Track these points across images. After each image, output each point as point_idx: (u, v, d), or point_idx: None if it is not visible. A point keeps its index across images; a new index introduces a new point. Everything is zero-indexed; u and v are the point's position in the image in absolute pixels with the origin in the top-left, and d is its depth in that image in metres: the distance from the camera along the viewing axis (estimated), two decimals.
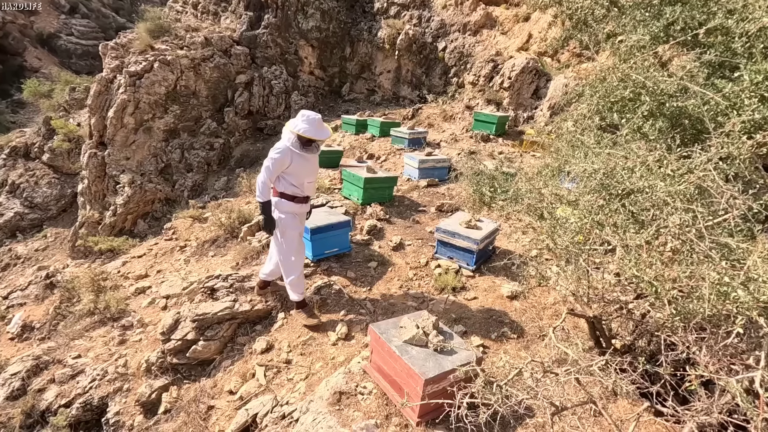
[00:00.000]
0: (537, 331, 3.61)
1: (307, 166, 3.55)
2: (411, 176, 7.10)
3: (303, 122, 3.37)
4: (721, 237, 1.11)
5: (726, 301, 1.03)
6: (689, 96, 1.68)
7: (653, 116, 1.70)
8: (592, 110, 1.94)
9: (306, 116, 3.38)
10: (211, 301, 4.27)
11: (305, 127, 3.37)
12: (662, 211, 1.19)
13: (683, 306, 1.12)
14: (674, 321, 1.17)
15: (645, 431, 2.58)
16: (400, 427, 2.58)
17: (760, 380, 1.05)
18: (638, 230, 1.25)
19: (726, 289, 1.02)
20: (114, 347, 4.70)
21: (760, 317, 1.01)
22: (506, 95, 9.15)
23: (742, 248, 1.08)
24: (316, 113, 3.45)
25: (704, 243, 1.09)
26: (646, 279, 1.15)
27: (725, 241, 1.10)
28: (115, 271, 6.81)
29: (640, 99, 1.73)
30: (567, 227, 1.41)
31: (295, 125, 3.38)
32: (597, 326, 2.60)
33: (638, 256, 1.19)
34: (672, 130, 1.67)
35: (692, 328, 1.42)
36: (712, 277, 1.03)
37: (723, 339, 1.18)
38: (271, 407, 3.20)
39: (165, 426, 3.56)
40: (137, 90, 9.83)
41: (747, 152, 1.39)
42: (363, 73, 13.25)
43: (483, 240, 4.39)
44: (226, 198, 9.19)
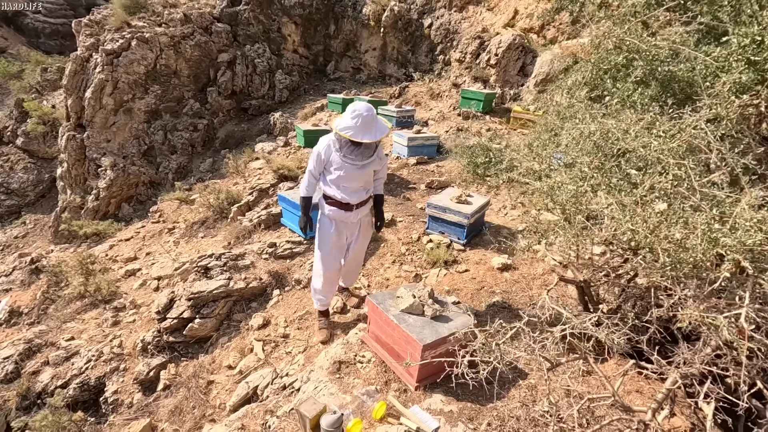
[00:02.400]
0: (527, 301, 3.74)
1: (351, 170, 2.84)
2: (400, 154, 7.11)
3: (348, 117, 2.65)
4: (710, 190, 1.18)
5: (715, 247, 1.11)
6: (680, 60, 1.74)
7: (644, 82, 1.76)
8: (585, 78, 1.99)
9: (353, 111, 2.64)
10: (205, 280, 4.28)
11: (346, 125, 2.63)
12: (655, 168, 1.25)
13: (675, 257, 1.19)
14: (666, 272, 1.26)
15: (631, 387, 2.74)
16: (399, 392, 2.68)
17: (744, 316, 1.14)
18: (632, 190, 1.31)
19: (716, 235, 1.10)
20: (108, 329, 4.69)
21: (745, 261, 1.09)
22: (493, 72, 9.15)
23: (730, 198, 1.15)
24: (367, 106, 2.66)
25: (696, 196, 1.16)
26: (642, 232, 1.23)
27: (715, 193, 1.18)
28: (103, 255, 6.73)
29: (633, 65, 1.78)
30: (564, 190, 1.48)
31: (338, 121, 2.70)
32: (586, 291, 2.71)
33: (633, 212, 1.26)
34: (662, 95, 1.74)
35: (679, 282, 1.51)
36: (703, 225, 1.10)
37: (709, 286, 1.27)
38: (271, 379, 3.28)
39: (166, 401, 3.61)
40: (115, 69, 9.49)
41: (734, 112, 1.46)
42: (348, 51, 13.03)
43: (473, 214, 4.47)
44: (213, 180, 9.07)
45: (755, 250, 1.10)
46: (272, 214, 5.24)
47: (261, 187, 6.22)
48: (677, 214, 1.22)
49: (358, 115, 2.61)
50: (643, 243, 1.24)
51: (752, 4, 1.67)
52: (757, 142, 1.63)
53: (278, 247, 4.68)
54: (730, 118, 1.44)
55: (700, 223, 1.13)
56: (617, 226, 1.30)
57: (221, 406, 3.32)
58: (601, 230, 1.42)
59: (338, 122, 2.68)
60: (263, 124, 10.94)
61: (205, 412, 3.34)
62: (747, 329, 1.16)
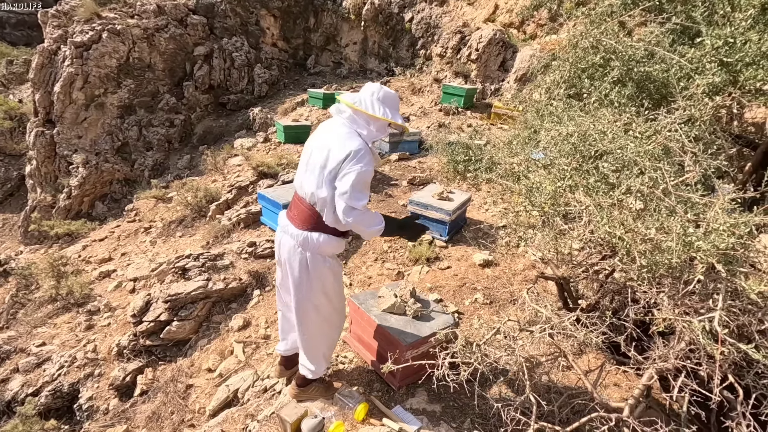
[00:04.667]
0: (508, 296, 3.77)
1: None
2: (382, 150, 7.07)
3: (388, 104, 2.02)
4: (685, 193, 1.19)
5: (689, 250, 1.12)
6: (655, 61, 1.75)
7: (621, 82, 1.77)
8: (564, 77, 1.99)
9: (386, 92, 2.02)
10: (183, 281, 4.18)
11: (395, 111, 2.04)
12: (632, 170, 1.26)
13: (651, 259, 1.21)
14: (642, 273, 1.27)
15: (609, 381, 2.79)
16: (382, 393, 2.67)
17: (718, 319, 1.16)
18: (608, 191, 1.32)
19: (690, 238, 1.11)
20: (81, 333, 4.54)
21: (718, 263, 1.11)
22: (474, 67, 9.16)
23: (704, 201, 1.17)
24: (387, 87, 2.09)
25: (671, 199, 1.17)
26: (618, 235, 1.23)
27: (689, 196, 1.19)
28: (76, 256, 6.50)
29: (610, 65, 1.79)
30: (542, 190, 1.47)
31: (379, 107, 1.98)
32: (565, 287, 2.74)
33: (610, 214, 1.26)
34: (639, 95, 1.76)
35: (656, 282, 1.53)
36: (678, 229, 1.11)
37: (685, 287, 1.29)
38: (252, 381, 3.22)
39: (143, 407, 3.51)
40: (85, 62, 9.14)
41: (708, 114, 1.48)
42: (328, 44, 12.86)
43: (455, 211, 4.48)
44: (191, 177, 8.86)
45: (728, 253, 1.12)
46: (252, 213, 5.14)
47: (240, 184, 6.10)
48: (653, 216, 1.23)
49: (393, 95, 2.05)
50: (620, 245, 1.25)
51: (725, 6, 1.70)
52: (729, 142, 1.66)
53: (258, 246, 4.60)
54: (703, 120, 1.46)
55: (675, 227, 1.14)
56: (594, 227, 1.31)
57: (201, 411, 3.25)
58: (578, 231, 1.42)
59: (377, 108, 1.98)
60: (242, 119, 10.73)
61: (184, 417, 3.26)
62: (721, 333, 1.18)
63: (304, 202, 2.13)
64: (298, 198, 2.18)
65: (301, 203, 2.14)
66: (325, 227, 2.09)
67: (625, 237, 1.23)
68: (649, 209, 1.28)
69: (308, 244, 2.10)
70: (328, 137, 2.07)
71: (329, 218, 2.06)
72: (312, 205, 2.09)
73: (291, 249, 2.16)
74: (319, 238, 2.09)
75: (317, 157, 2.05)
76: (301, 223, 2.12)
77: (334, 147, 1.98)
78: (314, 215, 2.09)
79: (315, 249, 2.11)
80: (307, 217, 2.10)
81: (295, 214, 2.17)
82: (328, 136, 2.07)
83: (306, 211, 2.11)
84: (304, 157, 2.16)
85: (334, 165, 1.96)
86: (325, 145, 2.04)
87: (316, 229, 2.09)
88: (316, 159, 2.05)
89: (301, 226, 2.11)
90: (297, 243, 2.12)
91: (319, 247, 2.10)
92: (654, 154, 1.29)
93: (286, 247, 2.19)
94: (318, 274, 2.16)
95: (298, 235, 2.11)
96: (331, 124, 2.14)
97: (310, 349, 2.39)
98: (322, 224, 2.09)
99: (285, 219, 2.23)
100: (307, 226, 2.10)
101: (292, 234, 2.14)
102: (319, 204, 2.06)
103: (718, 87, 1.59)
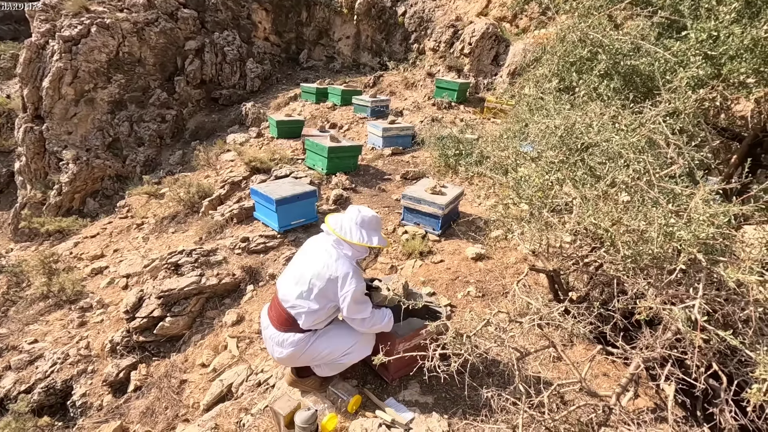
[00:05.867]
0: (500, 289, 3.81)
1: None
2: (375, 145, 7.07)
3: (367, 227, 2.26)
4: (668, 184, 1.21)
5: (671, 240, 1.14)
6: (642, 54, 1.77)
7: (608, 75, 1.79)
8: (552, 71, 2.01)
9: (363, 216, 2.28)
10: (176, 277, 4.17)
11: (377, 235, 2.29)
12: (617, 162, 1.27)
13: (635, 249, 1.23)
14: (627, 264, 1.29)
15: (599, 370, 2.84)
16: (375, 386, 2.69)
17: (698, 307, 1.19)
18: (594, 183, 1.34)
19: (671, 229, 1.13)
20: (74, 330, 4.52)
21: (699, 253, 1.13)
22: (467, 61, 9.16)
23: (686, 194, 1.19)
24: (368, 209, 2.37)
25: (654, 190, 1.19)
26: (603, 226, 1.25)
27: (672, 187, 1.21)
28: (67, 253, 6.46)
29: (597, 58, 1.81)
30: (530, 183, 1.49)
31: (358, 234, 2.23)
32: (556, 279, 2.77)
33: (595, 206, 1.28)
34: (625, 88, 1.77)
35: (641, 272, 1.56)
36: (660, 220, 1.13)
37: (668, 276, 1.32)
38: (246, 376, 3.23)
39: (137, 403, 3.52)
40: (74, 57, 9.02)
41: (692, 107, 1.50)
42: (321, 39, 12.79)
43: (448, 205, 4.50)
44: (183, 173, 8.80)
45: (708, 243, 1.14)
46: (245, 208, 5.13)
47: (233, 180, 6.08)
48: (637, 207, 1.25)
49: (371, 218, 2.30)
50: (605, 236, 1.27)
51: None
52: (713, 135, 1.69)
53: (251, 241, 4.60)
54: (687, 113, 1.49)
55: (657, 218, 1.16)
56: (580, 219, 1.33)
57: (195, 406, 3.26)
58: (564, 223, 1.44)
59: (355, 234, 2.24)
60: (235, 114, 10.67)
61: (178, 412, 3.27)
62: (700, 320, 1.21)
63: (283, 307, 2.33)
64: (279, 302, 2.37)
65: (280, 307, 2.35)
66: (300, 330, 2.31)
67: (609, 228, 1.25)
68: (634, 201, 1.30)
69: (284, 344, 2.33)
70: (319, 258, 2.29)
71: (306, 324, 2.28)
72: (289, 310, 2.30)
73: (274, 345, 2.38)
74: (294, 337, 2.30)
75: (306, 273, 2.28)
76: (279, 324, 2.33)
77: (323, 271, 2.23)
78: (291, 319, 2.30)
79: (291, 345, 2.32)
80: (284, 320, 2.32)
81: (273, 315, 2.39)
82: (319, 257, 2.30)
83: (283, 314, 2.33)
84: (295, 271, 2.35)
85: (322, 284, 2.22)
86: (316, 265, 2.27)
87: (291, 331, 2.31)
88: (304, 274, 2.28)
89: (279, 327, 2.33)
90: (276, 342, 2.35)
91: (296, 343, 2.31)
92: (639, 146, 1.31)
93: (271, 343, 2.41)
94: (309, 353, 2.36)
95: (275, 335, 2.34)
96: (322, 242, 2.37)
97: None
98: (297, 327, 2.30)
99: (266, 318, 2.44)
100: (283, 328, 2.31)
101: (271, 336, 2.36)
102: (295, 311, 2.28)
103: (702, 80, 1.62)
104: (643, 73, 1.75)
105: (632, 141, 1.28)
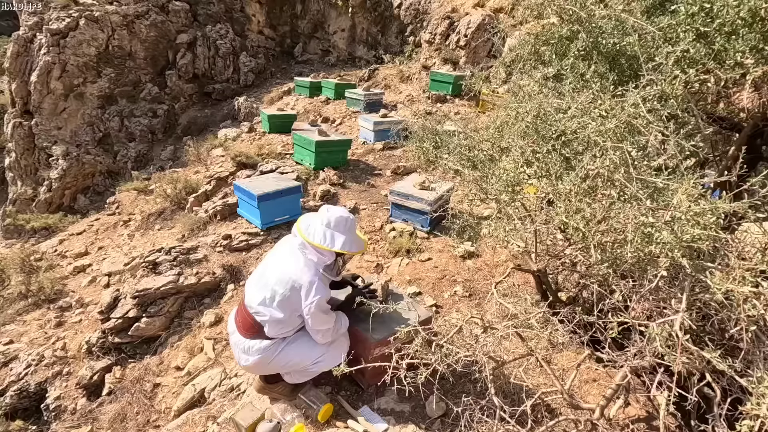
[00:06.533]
0: (488, 289, 3.64)
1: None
2: (366, 139, 6.89)
3: (335, 228, 2.02)
4: (648, 176, 1.05)
5: (650, 243, 0.99)
6: (626, 32, 1.59)
7: (590, 57, 1.62)
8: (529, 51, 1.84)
9: (330, 216, 2.04)
10: (153, 276, 4.03)
11: (343, 238, 2.02)
12: (592, 151, 1.12)
13: (611, 252, 1.07)
14: (602, 267, 1.13)
15: (587, 377, 2.68)
16: (350, 392, 2.54)
17: (679, 323, 1.03)
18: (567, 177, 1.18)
19: (650, 230, 0.97)
20: (51, 330, 4.39)
21: (683, 258, 0.97)
22: (463, 54, 8.95)
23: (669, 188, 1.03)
24: (340, 208, 2.14)
25: (632, 184, 1.03)
26: (573, 225, 1.09)
27: (653, 180, 1.05)
28: (51, 250, 6.32)
29: (578, 37, 1.64)
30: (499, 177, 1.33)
31: (321, 236, 2.00)
32: (543, 280, 2.61)
33: (568, 202, 1.12)
34: (611, 72, 1.60)
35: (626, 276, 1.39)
36: (637, 218, 0.97)
37: (650, 283, 1.16)
38: (219, 380, 3.09)
39: (109, 407, 3.38)
40: (62, 51, 8.86)
41: (679, 89, 1.33)
42: (316, 32, 12.58)
43: (437, 201, 4.33)
44: (174, 168, 8.65)
45: (692, 246, 0.98)
46: (228, 204, 4.97)
47: (219, 175, 5.92)
48: (611, 204, 1.09)
49: (342, 219, 2.05)
50: (576, 237, 1.11)
51: None
52: (706, 122, 1.52)
53: (233, 239, 4.45)
54: (675, 96, 1.32)
55: (632, 216, 1.00)
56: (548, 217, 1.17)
57: (167, 411, 3.13)
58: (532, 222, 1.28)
59: (318, 236, 2.01)
60: (228, 109, 10.50)
61: (150, 417, 3.14)
62: (681, 338, 1.04)
63: (249, 313, 2.17)
64: (244, 307, 2.20)
65: (246, 312, 2.18)
66: (266, 336, 2.15)
67: (582, 228, 1.09)
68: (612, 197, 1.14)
69: (250, 351, 2.17)
70: (284, 262, 2.12)
71: (271, 332, 2.13)
72: (254, 315, 2.14)
73: (240, 352, 2.23)
74: (260, 344, 2.14)
75: (270, 277, 2.11)
76: (244, 330, 2.18)
77: (286, 277, 2.05)
78: (257, 325, 2.14)
79: (258, 353, 2.16)
80: (250, 326, 2.16)
81: (239, 320, 2.22)
82: (284, 261, 2.12)
83: (249, 320, 2.16)
84: (260, 274, 2.19)
85: (285, 292, 2.04)
86: (279, 270, 2.10)
87: (257, 338, 2.15)
88: (269, 279, 2.11)
89: (245, 334, 2.17)
90: (241, 350, 2.19)
91: (263, 351, 2.15)
92: (617, 133, 1.15)
93: (237, 350, 2.26)
94: (276, 362, 2.20)
95: (240, 342, 2.18)
96: (290, 246, 2.18)
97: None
98: (264, 333, 2.14)
99: (232, 323, 2.28)
100: (249, 335, 2.16)
101: (236, 342, 2.21)
102: (260, 318, 2.13)
103: (693, 59, 1.44)
104: (628, 53, 1.57)
105: (609, 127, 1.12)
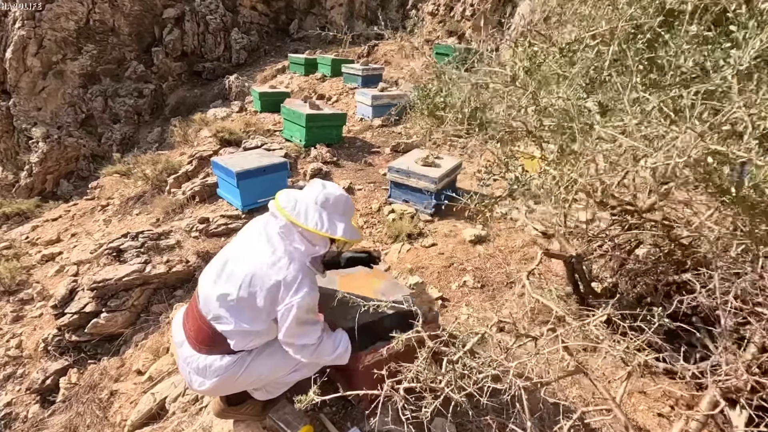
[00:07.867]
0: (504, 279, 3.12)
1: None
2: (364, 115, 6.32)
3: (332, 210, 1.54)
4: None
5: None
6: None
7: None
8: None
9: (328, 194, 1.55)
10: (116, 265, 3.51)
11: (346, 224, 1.56)
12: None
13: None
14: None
15: (633, 387, 2.15)
16: (337, 409, 2.04)
17: None
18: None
19: None
20: (6, 326, 3.90)
21: None
22: (468, 25, 8.29)
23: None
24: (335, 186, 1.63)
25: None
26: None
27: None
28: (22, 237, 5.83)
29: None
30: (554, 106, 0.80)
31: (317, 219, 1.50)
32: (577, 267, 2.08)
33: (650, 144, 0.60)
34: None
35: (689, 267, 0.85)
36: None
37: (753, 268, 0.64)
38: (183, 389, 2.59)
39: (57, 419, 2.89)
40: (38, 24, 8.27)
41: None
42: (312, 7, 11.89)
43: (442, 178, 3.78)
44: (161, 151, 8.11)
45: None
46: (208, 185, 4.44)
47: (202, 154, 5.38)
48: None
49: (337, 198, 1.56)
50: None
51: None
52: None
53: (211, 222, 3.92)
54: None
55: None
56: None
57: (122, 424, 2.63)
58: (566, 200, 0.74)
59: (311, 218, 1.50)
60: (218, 88, 9.90)
61: (102, 431, 2.64)
62: None
63: (205, 319, 1.54)
64: (198, 310, 1.56)
65: (200, 318, 1.55)
66: (229, 350, 1.54)
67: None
68: None
69: (206, 372, 1.54)
70: (258, 251, 1.52)
71: (239, 345, 1.54)
72: (213, 324, 1.53)
73: (192, 372, 1.59)
74: (221, 362, 1.53)
75: (237, 272, 1.50)
76: (197, 342, 1.56)
77: (259, 270, 1.47)
78: (216, 337, 1.53)
79: (217, 373, 1.54)
80: (206, 338, 1.54)
81: (191, 327, 1.59)
82: (259, 250, 1.52)
83: (205, 329, 1.54)
84: (219, 263, 1.57)
85: (259, 291, 1.46)
86: (252, 262, 1.49)
87: (216, 352, 1.54)
88: (235, 274, 1.50)
89: (198, 347, 1.55)
90: (194, 369, 1.56)
91: (224, 369, 1.54)
92: None
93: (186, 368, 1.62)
94: (244, 379, 1.60)
95: (192, 358, 1.55)
96: (267, 228, 1.58)
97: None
98: (226, 346, 1.53)
99: (180, 331, 1.63)
100: (206, 349, 1.55)
101: (187, 358, 1.57)
102: (222, 327, 1.52)
103: None
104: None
105: None
